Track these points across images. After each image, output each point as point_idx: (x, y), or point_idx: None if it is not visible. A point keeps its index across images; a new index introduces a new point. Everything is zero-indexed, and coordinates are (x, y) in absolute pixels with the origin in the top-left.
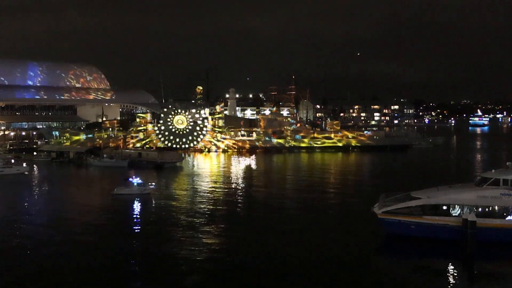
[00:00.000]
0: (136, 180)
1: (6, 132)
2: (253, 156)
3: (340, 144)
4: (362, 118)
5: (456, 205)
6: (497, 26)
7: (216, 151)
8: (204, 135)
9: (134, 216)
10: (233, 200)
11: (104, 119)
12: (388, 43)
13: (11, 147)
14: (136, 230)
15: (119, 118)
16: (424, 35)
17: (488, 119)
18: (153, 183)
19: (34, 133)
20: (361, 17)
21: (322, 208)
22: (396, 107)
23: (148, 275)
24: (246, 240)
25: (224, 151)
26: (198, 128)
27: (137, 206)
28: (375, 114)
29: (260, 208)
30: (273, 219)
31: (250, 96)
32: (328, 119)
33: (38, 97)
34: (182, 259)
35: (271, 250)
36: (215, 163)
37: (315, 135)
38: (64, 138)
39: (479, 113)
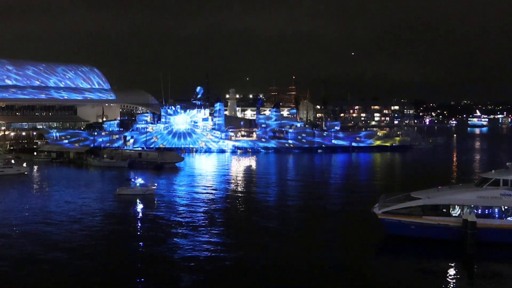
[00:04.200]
0: (138, 181)
1: (6, 132)
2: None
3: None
4: (362, 118)
5: (456, 206)
6: (496, 26)
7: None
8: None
9: (138, 216)
10: (234, 200)
11: (104, 119)
12: (388, 43)
13: (11, 147)
14: (139, 230)
15: (119, 118)
16: (424, 35)
17: (487, 119)
18: (156, 184)
19: (34, 133)
20: (361, 17)
21: (322, 208)
22: (396, 107)
23: (149, 275)
24: (246, 240)
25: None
26: (197, 128)
27: (140, 206)
28: (375, 114)
29: (260, 207)
30: (273, 218)
31: (250, 96)
32: (329, 119)
33: (38, 97)
34: (183, 258)
35: (271, 250)
36: (215, 164)
37: None
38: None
39: (478, 113)
